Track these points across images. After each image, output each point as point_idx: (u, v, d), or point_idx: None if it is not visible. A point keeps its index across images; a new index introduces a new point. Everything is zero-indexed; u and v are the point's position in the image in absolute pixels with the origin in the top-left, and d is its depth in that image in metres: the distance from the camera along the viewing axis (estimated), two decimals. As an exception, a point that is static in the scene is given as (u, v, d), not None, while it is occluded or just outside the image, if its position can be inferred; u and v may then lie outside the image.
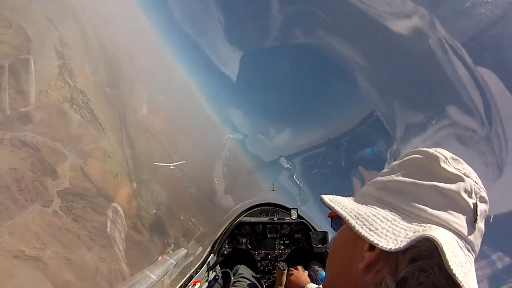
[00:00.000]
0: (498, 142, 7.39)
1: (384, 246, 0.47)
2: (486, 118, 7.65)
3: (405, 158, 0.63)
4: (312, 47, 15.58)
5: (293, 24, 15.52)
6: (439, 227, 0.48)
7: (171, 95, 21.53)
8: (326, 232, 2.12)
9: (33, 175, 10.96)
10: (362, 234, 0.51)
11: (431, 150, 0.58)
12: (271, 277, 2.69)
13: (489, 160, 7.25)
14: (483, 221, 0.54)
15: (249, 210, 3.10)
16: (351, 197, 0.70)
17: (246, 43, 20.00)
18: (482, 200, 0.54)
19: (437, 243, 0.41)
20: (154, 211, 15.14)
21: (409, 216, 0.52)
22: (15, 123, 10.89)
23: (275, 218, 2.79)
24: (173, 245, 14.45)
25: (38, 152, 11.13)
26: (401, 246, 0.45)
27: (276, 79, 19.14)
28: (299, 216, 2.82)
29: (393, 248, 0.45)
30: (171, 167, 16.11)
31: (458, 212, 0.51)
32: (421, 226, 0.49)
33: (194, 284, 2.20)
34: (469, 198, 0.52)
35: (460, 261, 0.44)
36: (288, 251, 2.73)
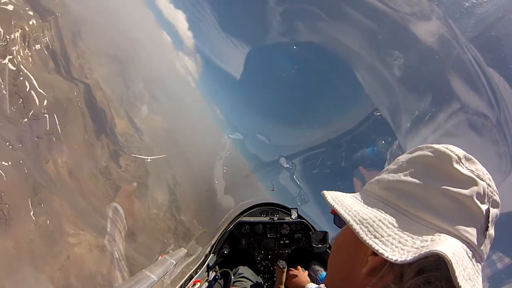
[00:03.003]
0: (508, 128, 7.24)
1: (390, 256, 0.45)
2: (494, 101, 7.49)
3: (414, 154, 0.57)
4: (313, 46, 15.58)
5: (293, 24, 15.52)
6: (448, 237, 0.45)
7: (172, 94, 21.89)
8: (326, 232, 2.11)
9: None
10: (367, 242, 0.48)
11: (442, 148, 0.53)
12: (272, 277, 2.69)
13: (502, 150, 7.07)
14: (494, 226, 0.51)
15: (249, 210, 3.10)
16: (354, 194, 0.66)
17: (246, 43, 19.98)
18: (495, 204, 0.51)
19: (447, 259, 0.39)
20: (155, 211, 15.17)
21: (416, 221, 0.49)
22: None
23: (275, 218, 2.78)
24: (173, 245, 14.48)
25: (133, 269, 11.98)
26: (408, 259, 0.43)
27: (276, 79, 19.13)
28: (299, 216, 2.81)
29: (399, 260, 0.43)
30: (148, 160, 16.18)
31: (470, 219, 0.48)
32: (429, 235, 0.46)
33: (194, 284, 2.19)
34: (482, 204, 0.49)
35: (469, 274, 0.42)
36: (288, 251, 2.72)
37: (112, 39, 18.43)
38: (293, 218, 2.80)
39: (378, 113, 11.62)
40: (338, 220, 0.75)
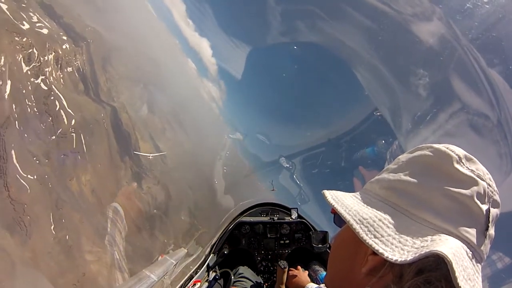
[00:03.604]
0: (508, 128, 7.22)
1: (390, 256, 0.44)
2: (495, 101, 7.46)
3: (414, 154, 0.57)
4: (313, 46, 15.57)
5: (294, 24, 15.51)
6: (448, 237, 0.45)
7: (196, 119, 22.32)
8: (326, 232, 2.11)
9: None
10: (367, 241, 0.48)
11: (442, 147, 0.53)
12: (271, 277, 2.68)
13: (502, 150, 7.06)
14: (494, 226, 0.50)
15: (249, 210, 3.09)
16: (355, 194, 0.65)
17: (246, 43, 19.97)
18: (495, 204, 0.51)
19: (447, 260, 0.39)
20: (155, 211, 15.20)
21: (416, 221, 0.49)
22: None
23: (275, 218, 2.77)
24: (173, 245, 14.53)
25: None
26: (408, 259, 0.42)
27: (276, 79, 19.12)
28: (299, 216, 2.80)
29: (399, 260, 0.43)
30: (150, 157, 16.43)
31: (470, 219, 0.48)
32: (429, 235, 0.46)
33: (194, 284, 2.19)
34: (482, 204, 0.48)
35: (469, 274, 0.42)
36: (288, 251, 2.71)
37: (140, 66, 19.52)
38: (293, 218, 2.78)
39: (378, 113, 11.61)
40: (338, 219, 0.75)
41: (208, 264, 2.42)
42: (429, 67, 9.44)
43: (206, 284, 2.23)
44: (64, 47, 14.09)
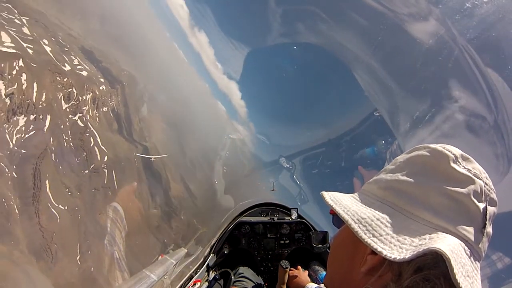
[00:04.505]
0: (505, 129, 7.24)
1: (388, 255, 0.44)
2: (492, 102, 7.46)
3: (411, 154, 0.58)
4: (313, 47, 15.57)
5: (294, 24, 15.51)
6: (446, 235, 0.45)
7: (173, 94, 22.37)
8: (326, 232, 2.10)
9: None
10: (366, 241, 0.48)
11: (439, 147, 0.53)
12: (271, 277, 2.68)
13: (499, 151, 7.07)
14: (491, 224, 0.51)
15: (249, 210, 3.09)
16: (353, 194, 0.66)
17: (246, 44, 19.97)
18: (492, 202, 0.51)
19: (445, 256, 0.39)
20: (154, 210, 15.19)
21: (414, 220, 0.49)
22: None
23: (275, 218, 2.77)
24: (173, 245, 14.55)
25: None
26: (406, 257, 0.43)
27: (276, 80, 19.11)
28: (299, 216, 2.80)
29: (398, 258, 0.43)
30: (152, 159, 16.60)
31: (467, 218, 0.48)
32: (427, 233, 0.46)
33: (194, 284, 2.19)
34: (479, 202, 0.49)
35: (467, 271, 0.42)
36: (288, 251, 2.71)
37: (171, 108, 20.54)
38: (293, 218, 2.78)
39: (378, 113, 11.61)
40: (337, 220, 0.75)
41: (208, 264, 2.42)
42: (428, 68, 9.45)
43: (206, 284, 2.23)
44: (101, 88, 15.17)
